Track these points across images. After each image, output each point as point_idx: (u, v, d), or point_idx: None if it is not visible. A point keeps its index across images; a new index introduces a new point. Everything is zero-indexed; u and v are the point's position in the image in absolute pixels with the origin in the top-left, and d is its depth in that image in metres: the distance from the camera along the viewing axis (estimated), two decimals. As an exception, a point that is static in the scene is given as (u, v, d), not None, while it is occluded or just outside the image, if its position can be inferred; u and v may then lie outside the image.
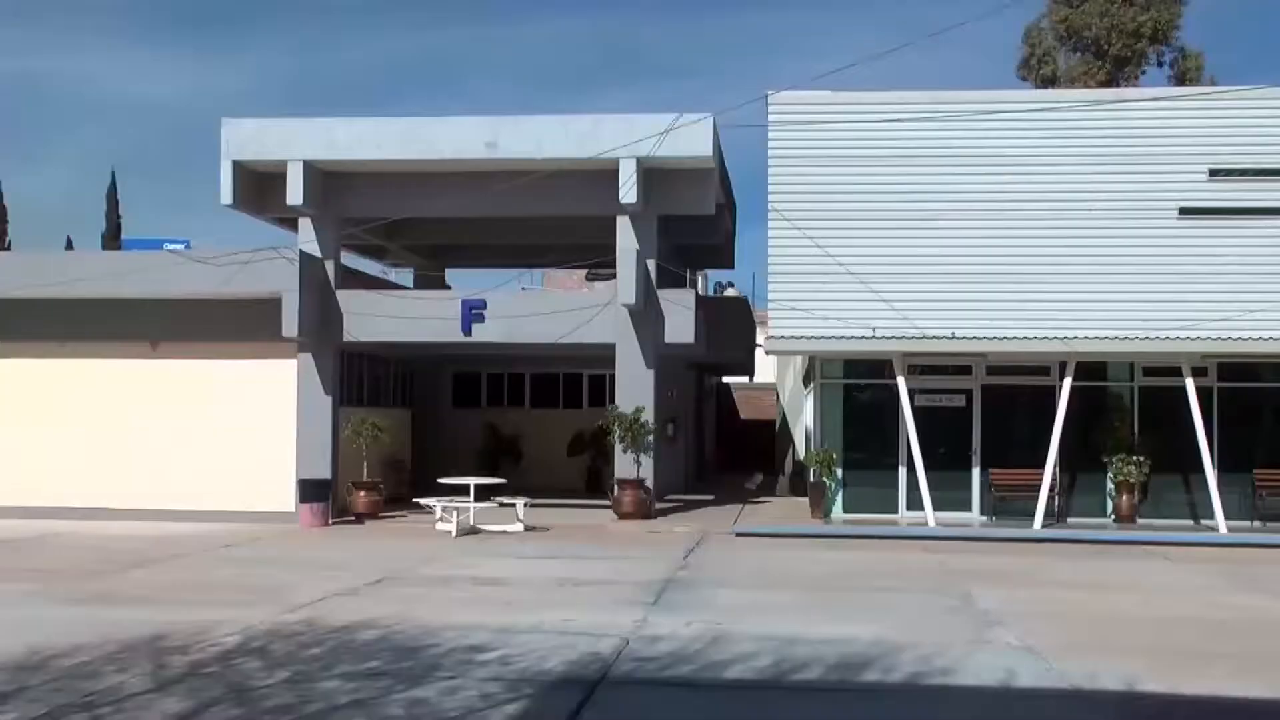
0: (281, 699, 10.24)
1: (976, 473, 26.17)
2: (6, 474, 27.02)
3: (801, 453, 36.34)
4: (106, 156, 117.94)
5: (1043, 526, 24.33)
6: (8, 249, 57.86)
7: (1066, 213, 25.09)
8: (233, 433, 26.57)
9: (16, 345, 27.29)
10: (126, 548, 21.52)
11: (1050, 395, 25.51)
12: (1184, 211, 25.07)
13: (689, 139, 25.39)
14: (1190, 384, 24.39)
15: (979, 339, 24.80)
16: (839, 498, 26.53)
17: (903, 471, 26.16)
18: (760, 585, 17.55)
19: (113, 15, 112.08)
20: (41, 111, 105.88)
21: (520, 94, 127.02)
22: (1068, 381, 24.83)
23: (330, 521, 25.60)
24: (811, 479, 26.81)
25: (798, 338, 25.63)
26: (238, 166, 26.66)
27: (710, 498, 31.90)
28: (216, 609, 14.79)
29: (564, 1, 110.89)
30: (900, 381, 25.16)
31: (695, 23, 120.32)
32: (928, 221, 25.35)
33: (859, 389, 27.33)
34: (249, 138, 26.63)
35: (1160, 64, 46.19)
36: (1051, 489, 24.79)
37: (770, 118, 25.80)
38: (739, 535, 24.12)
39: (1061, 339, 24.62)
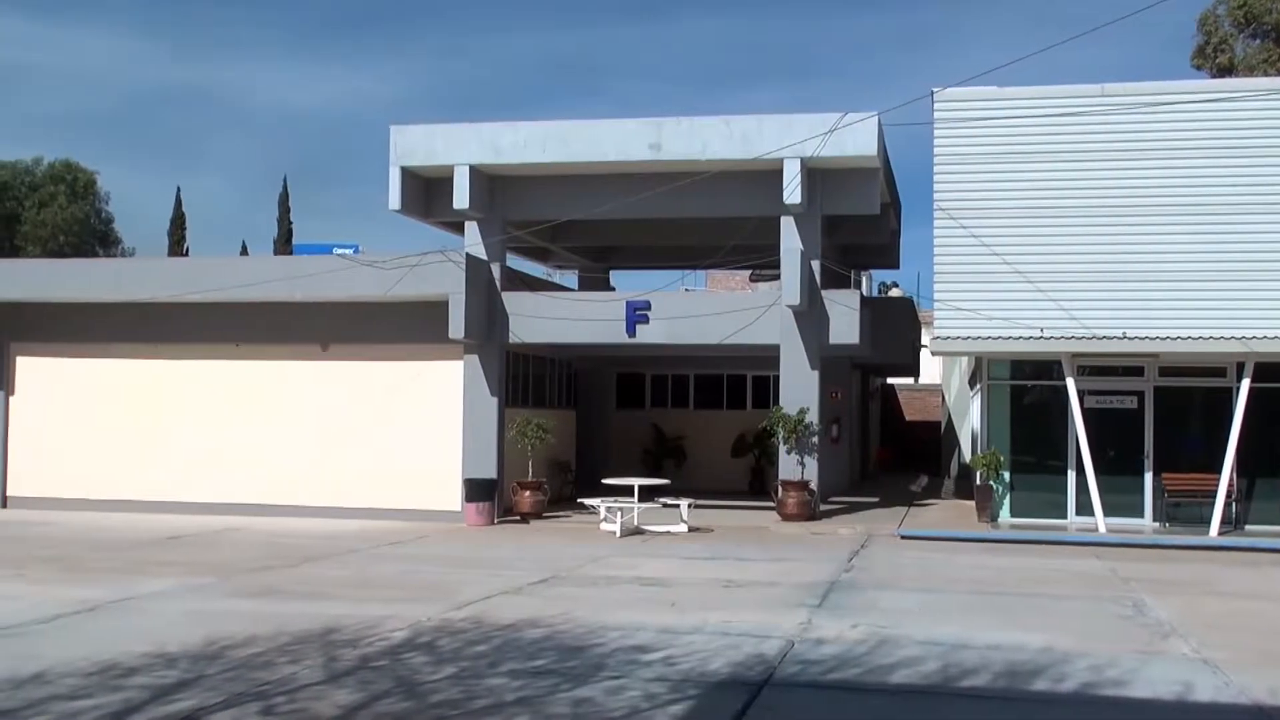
0: (448, 694, 10.40)
1: (1149, 477, 25.47)
2: (183, 472, 27.94)
3: (967, 455, 35.88)
4: (277, 164, 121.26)
5: (1219, 534, 23.65)
6: (186, 254, 59.88)
7: (1244, 207, 24.26)
8: (400, 433, 27.06)
9: (194, 347, 28.18)
10: (297, 544, 22.08)
11: (1227, 397, 24.75)
12: (1371, 205, 24.15)
13: (854, 138, 25.19)
14: (1377, 385, 23.51)
15: (1151, 339, 24.15)
16: (1006, 501, 26.07)
17: (1072, 475, 25.60)
18: (926, 589, 17.34)
19: (278, 28, 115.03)
20: (216, 122, 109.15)
21: (676, 94, 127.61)
22: (1246, 383, 24.06)
23: (495, 521, 25.94)
24: (978, 482, 26.42)
25: (964, 338, 25.26)
26: (405, 172, 27.15)
27: (875, 500, 31.62)
28: (385, 604, 15.09)
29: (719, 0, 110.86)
30: (1069, 383, 24.65)
31: (850, 20, 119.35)
32: (1097, 218, 24.78)
33: (1026, 390, 26.83)
34: (416, 144, 27.09)
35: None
36: (1228, 495, 24.07)
37: (936, 115, 25.47)
38: (904, 538, 23.87)
39: (1239, 338, 23.84)
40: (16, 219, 64.52)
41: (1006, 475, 26.04)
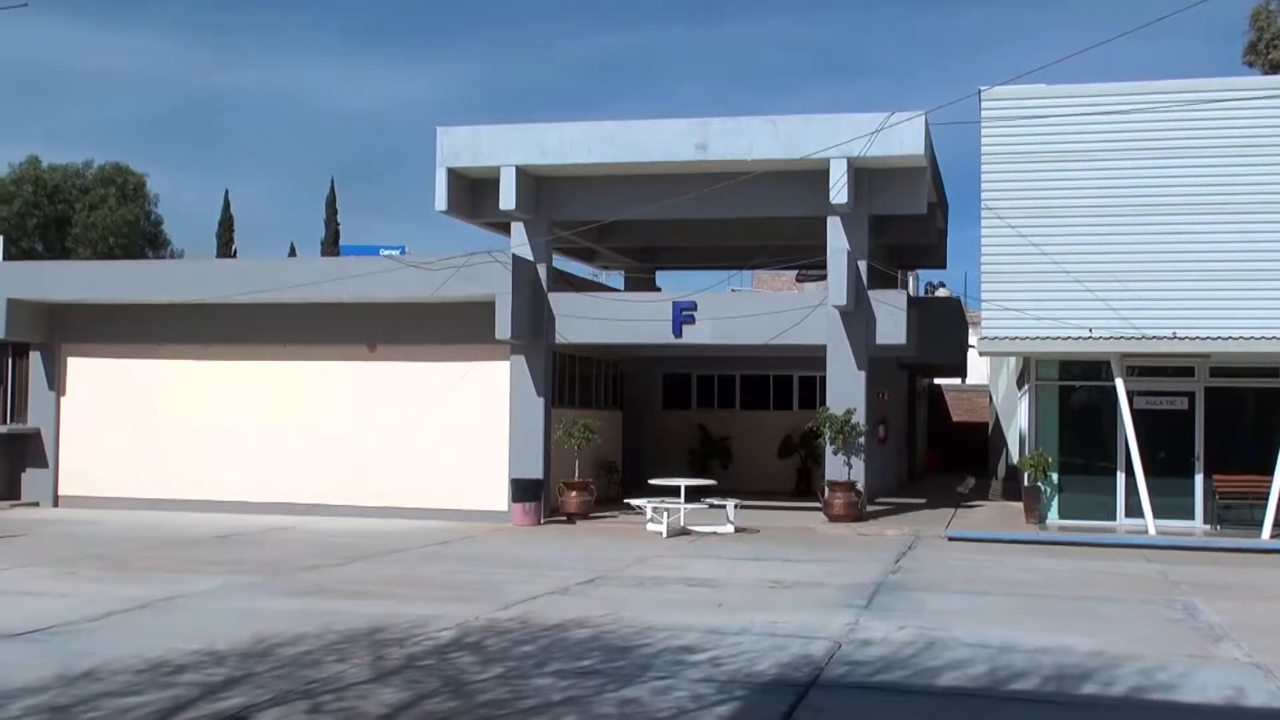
0: (495, 694, 10.42)
1: (1199, 479, 25.23)
2: (231, 472, 28.15)
3: (1015, 456, 35.71)
4: (325, 166, 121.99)
5: (1271, 536, 23.39)
6: (234, 256, 60.31)
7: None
8: (447, 433, 27.15)
9: (242, 348, 28.38)
10: (344, 543, 22.19)
11: (1279, 398, 24.50)
12: None
13: (900, 138, 25.08)
14: None
15: (1202, 339, 23.90)
16: (1054, 503, 25.90)
17: (1121, 477, 25.41)
18: (974, 591, 17.25)
19: (327, 31, 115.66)
20: (264, 124, 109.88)
21: (723, 93, 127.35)
22: (1299, 383, 23.84)
23: (542, 521, 25.98)
24: (1026, 483, 26.27)
25: (1011, 338, 25.11)
26: (452, 173, 27.23)
27: (922, 501, 31.49)
28: (432, 604, 15.16)
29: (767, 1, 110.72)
30: (1119, 383, 24.47)
31: (898, 20, 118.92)
32: (1146, 217, 24.56)
33: (1075, 391, 26.65)
34: (462, 145, 27.17)
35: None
36: (1281, 496, 23.84)
37: (983, 114, 25.33)
38: (951, 539, 23.75)
39: (1292, 339, 23.61)
40: (67, 221, 65.12)
41: (1055, 476, 25.88)
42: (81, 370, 29.45)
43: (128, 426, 28.95)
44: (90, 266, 32.82)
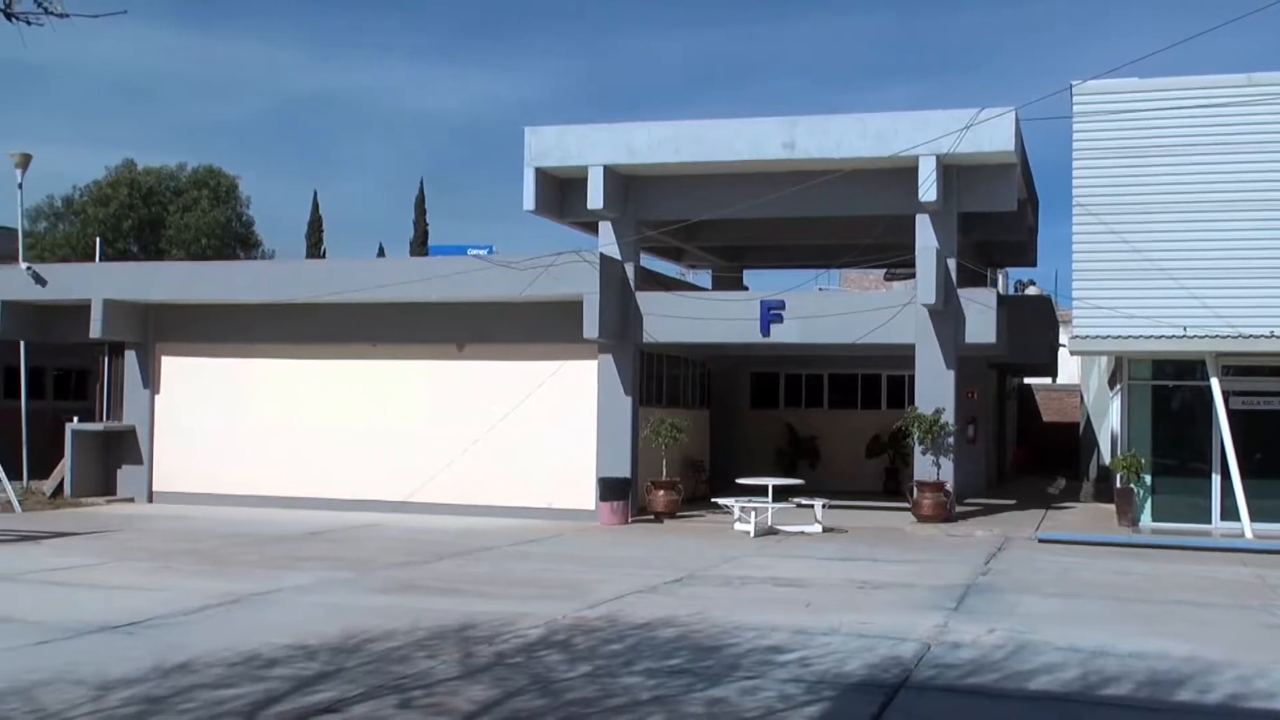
0: (583, 692, 10.44)
1: (1298, 481, 24.77)
2: (322, 469, 28.45)
3: (1107, 457, 35.19)
4: (413, 167, 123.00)
5: (1373, 538, 22.91)
6: (323, 256, 60.98)
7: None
8: (534, 432, 27.23)
9: (332, 347, 28.67)
10: (432, 540, 22.34)
11: (1382, 398, 24.01)
12: None
13: (990, 134, 24.81)
14: None
15: (1301, 338, 23.48)
16: (1147, 505, 25.49)
17: (1216, 479, 24.95)
18: (1065, 594, 17.03)
19: (416, 33, 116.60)
20: (353, 126, 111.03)
21: (807, 91, 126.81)
22: (1403, 383, 23.30)
23: (629, 520, 26.00)
24: (1118, 485, 25.89)
25: (1103, 337, 24.78)
26: (539, 173, 27.32)
27: (1011, 502, 31.14)
28: (520, 602, 15.22)
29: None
30: (1214, 383, 24.04)
31: (984, 15, 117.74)
32: (1244, 212, 24.10)
33: (1169, 390, 26.20)
34: (550, 145, 27.25)
35: None
36: (1385, 499, 23.32)
37: (1075, 108, 25.02)
38: (1042, 541, 23.45)
39: (1394, 337, 23.09)
40: (162, 223, 66.13)
41: (1148, 478, 25.46)
42: (175, 369, 29.92)
43: (220, 424, 29.36)
44: (183, 267, 33.30)
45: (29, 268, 29.39)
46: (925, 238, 25.90)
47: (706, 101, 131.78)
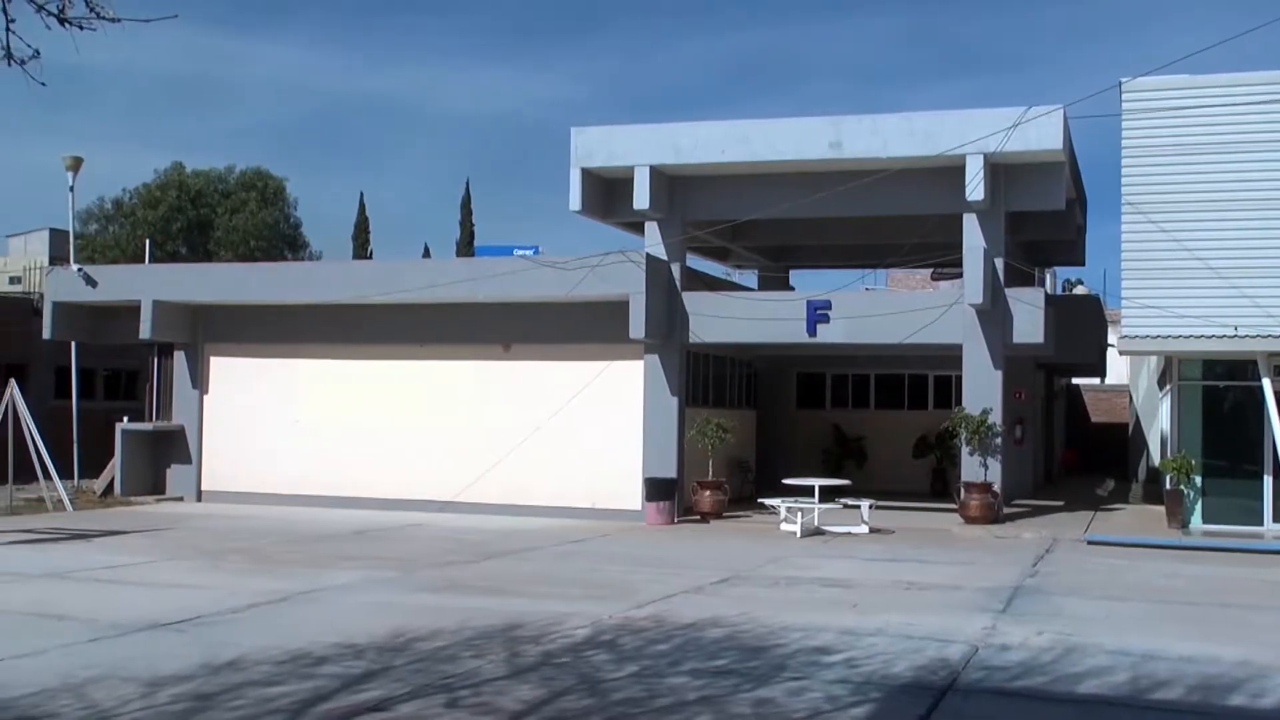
0: (630, 692, 10.44)
1: (1352, 483, 24.47)
2: (368, 469, 28.56)
3: (1156, 458, 34.92)
4: (459, 168, 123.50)
5: None
6: (370, 257, 61.27)
7: None
8: (581, 432, 27.26)
9: (379, 348, 28.80)
10: (479, 540, 22.40)
11: None
12: None
13: (1038, 132, 24.65)
14: None
15: (1355, 338, 23.19)
16: (1197, 507, 25.22)
17: (1268, 480, 24.65)
18: (1114, 597, 16.88)
19: (461, 35, 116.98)
20: (399, 128, 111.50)
21: (851, 90, 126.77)
22: None
23: (675, 520, 25.98)
24: (1167, 486, 25.65)
25: (1153, 337, 24.57)
26: (585, 173, 27.34)
27: (1059, 503, 30.93)
28: (567, 602, 15.23)
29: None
30: (1265, 384, 23.78)
31: (1027, 13, 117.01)
32: (1296, 212, 23.88)
33: (1219, 391, 25.93)
34: (596, 145, 27.27)
35: None
36: None
37: (1124, 106, 24.82)
38: (1090, 543, 23.27)
39: None
40: (210, 225, 66.75)
41: (1198, 480, 25.19)
42: (223, 369, 30.13)
43: (267, 424, 29.55)
44: (231, 269, 33.57)
45: (80, 269, 29.70)
46: (972, 237, 25.75)
47: (747, 103, 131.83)
